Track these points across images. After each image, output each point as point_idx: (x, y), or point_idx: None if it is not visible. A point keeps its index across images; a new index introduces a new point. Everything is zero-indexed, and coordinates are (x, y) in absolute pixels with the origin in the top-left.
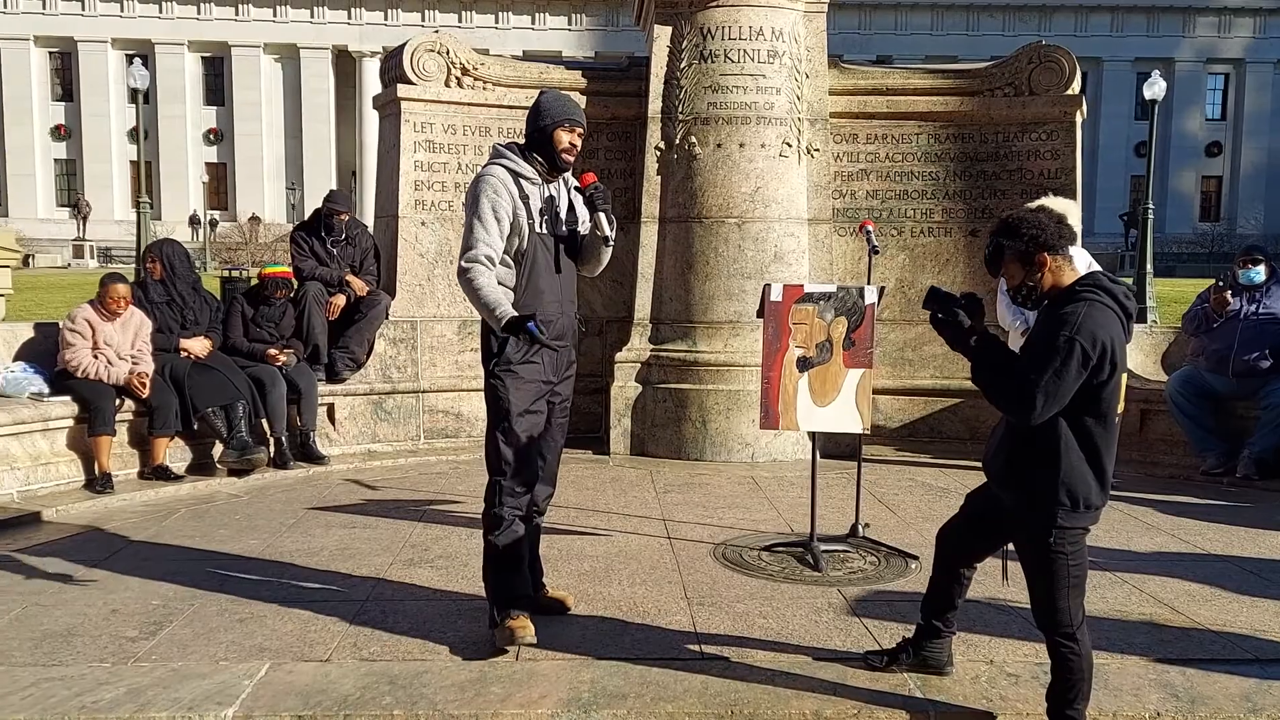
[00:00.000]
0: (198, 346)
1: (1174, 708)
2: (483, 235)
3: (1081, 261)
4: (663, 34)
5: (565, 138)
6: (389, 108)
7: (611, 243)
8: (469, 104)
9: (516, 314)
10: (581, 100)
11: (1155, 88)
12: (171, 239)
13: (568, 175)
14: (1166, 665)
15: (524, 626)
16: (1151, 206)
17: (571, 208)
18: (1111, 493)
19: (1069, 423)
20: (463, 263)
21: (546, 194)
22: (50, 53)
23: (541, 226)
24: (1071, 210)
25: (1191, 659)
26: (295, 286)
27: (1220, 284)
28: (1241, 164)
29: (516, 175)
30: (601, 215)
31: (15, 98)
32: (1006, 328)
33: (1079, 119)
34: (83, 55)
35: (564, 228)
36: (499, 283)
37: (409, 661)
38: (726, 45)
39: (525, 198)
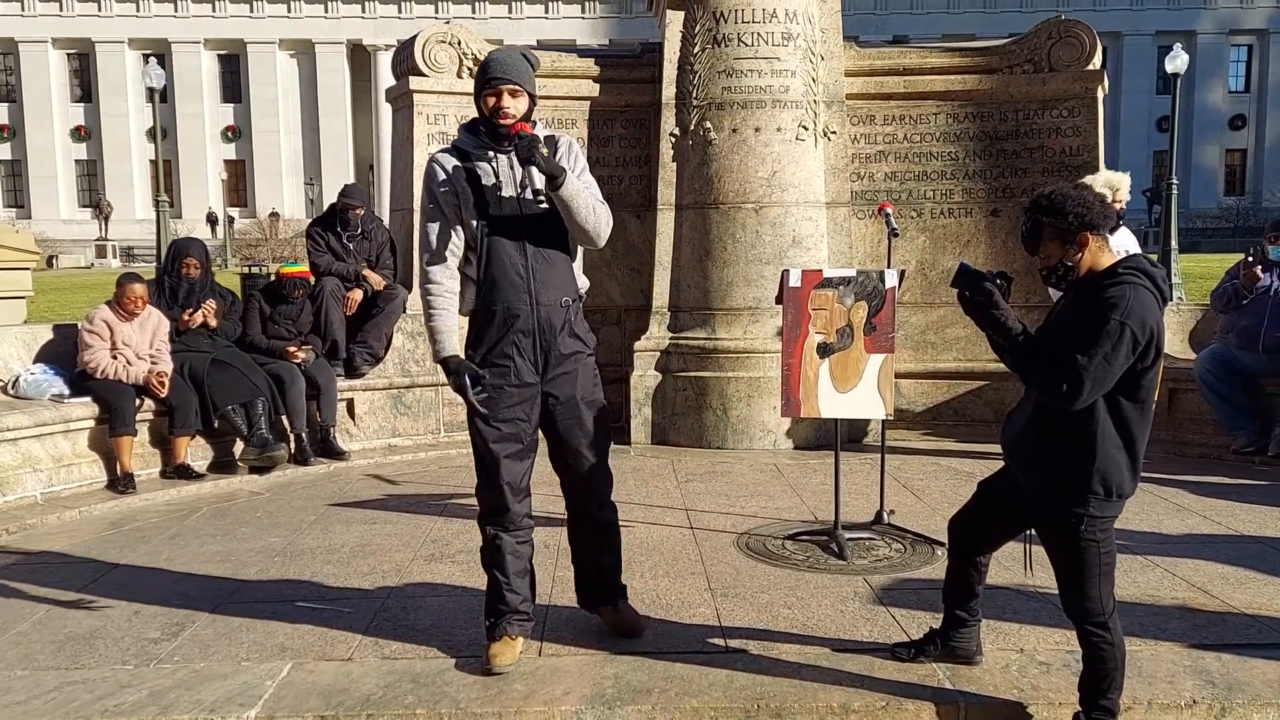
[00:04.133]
0: (199, 317)
1: (1210, 694)
2: (428, 240)
3: (1129, 242)
4: (675, 19)
5: (490, 101)
6: (401, 100)
7: (548, 193)
8: None
9: (451, 355)
10: (595, 88)
11: (1177, 61)
12: (195, 238)
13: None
14: (1201, 651)
15: (496, 655)
16: (1175, 181)
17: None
18: (1141, 474)
19: (1107, 408)
20: (419, 280)
21: (504, 168)
22: (69, 54)
23: (499, 206)
24: (1123, 183)
25: (1227, 644)
26: (312, 284)
27: (1250, 259)
28: (1266, 136)
29: (464, 154)
30: (531, 168)
31: (35, 100)
32: None
33: (1100, 94)
34: (100, 56)
35: (517, 201)
36: (462, 273)
37: (431, 659)
38: (740, 29)
39: (476, 178)
